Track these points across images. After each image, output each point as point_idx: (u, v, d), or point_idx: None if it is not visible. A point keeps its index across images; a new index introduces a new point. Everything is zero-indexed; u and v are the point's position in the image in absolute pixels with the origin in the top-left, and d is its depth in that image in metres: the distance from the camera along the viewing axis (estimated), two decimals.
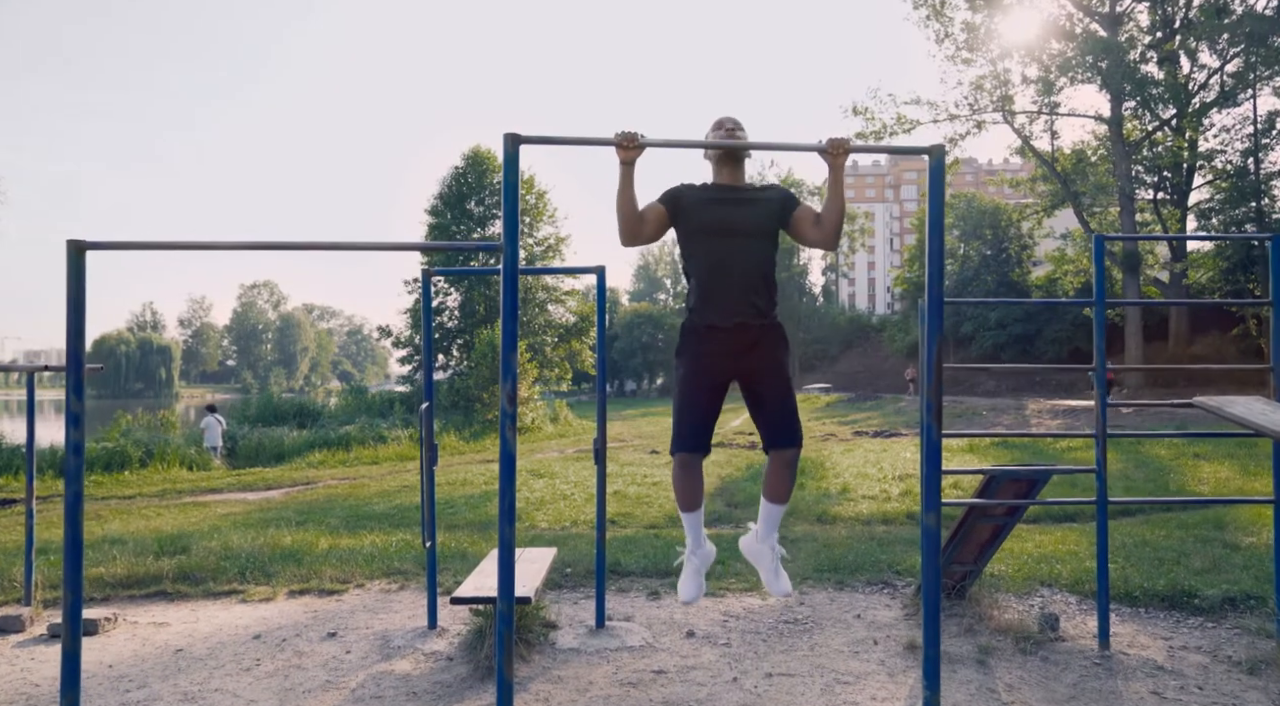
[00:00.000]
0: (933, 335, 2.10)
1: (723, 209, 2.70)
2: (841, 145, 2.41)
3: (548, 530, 7.37)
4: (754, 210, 2.71)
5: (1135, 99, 30.28)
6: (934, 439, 2.11)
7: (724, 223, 2.67)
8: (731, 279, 2.66)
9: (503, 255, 2.13)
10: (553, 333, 31.00)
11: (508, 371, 2.14)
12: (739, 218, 2.69)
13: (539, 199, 32.19)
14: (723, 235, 2.67)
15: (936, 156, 2.08)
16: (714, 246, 2.67)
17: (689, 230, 2.72)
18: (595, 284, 4.85)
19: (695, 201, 2.73)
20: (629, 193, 2.56)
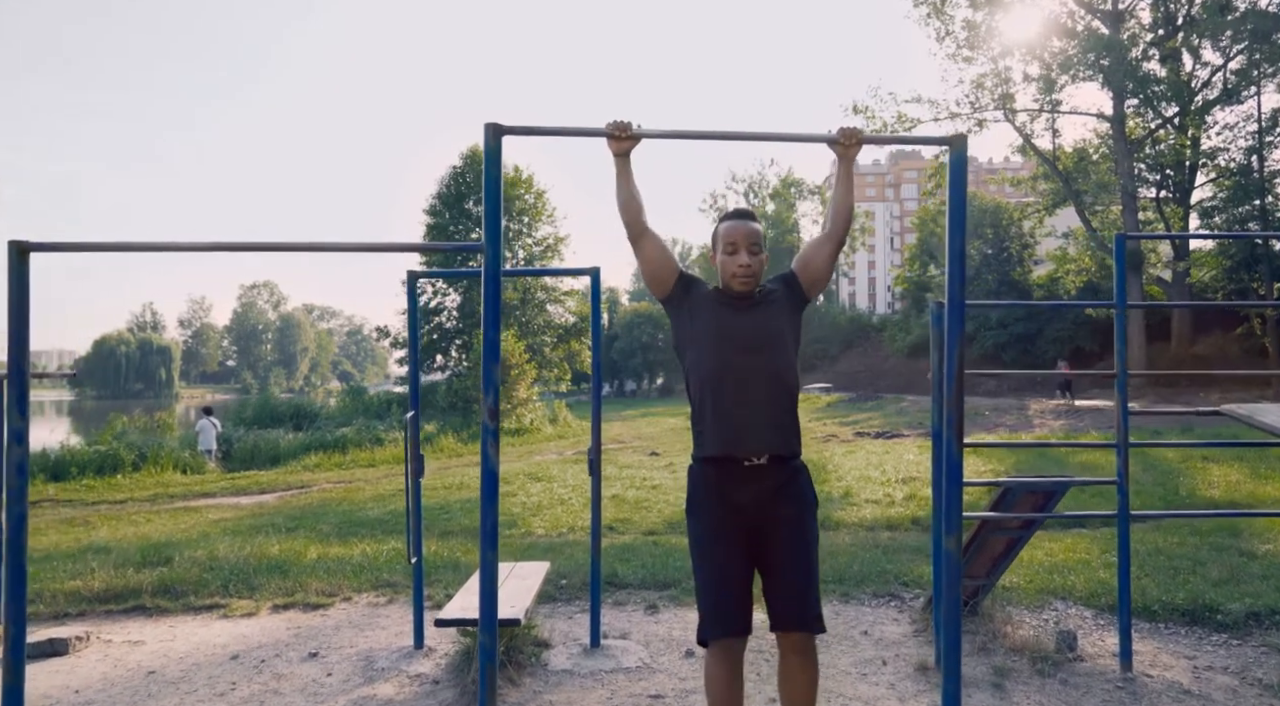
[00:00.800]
0: (954, 339, 1.91)
1: (738, 317, 2.35)
2: (854, 136, 2.21)
3: (543, 537, 7.19)
4: (770, 311, 2.37)
5: (1137, 97, 30.10)
6: (954, 455, 1.92)
7: (740, 331, 2.32)
8: (750, 404, 2.26)
9: (484, 257, 1.95)
10: (552, 333, 30.84)
11: (489, 383, 1.95)
12: (757, 326, 2.33)
13: (538, 198, 32.03)
14: (738, 348, 2.30)
15: (958, 147, 1.90)
16: (728, 360, 2.29)
17: (695, 332, 2.36)
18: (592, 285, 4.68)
19: (707, 299, 2.40)
20: (626, 185, 2.33)
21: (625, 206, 2.37)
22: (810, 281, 2.48)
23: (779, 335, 2.37)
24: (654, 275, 2.44)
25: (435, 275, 4.13)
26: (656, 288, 2.48)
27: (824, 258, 2.47)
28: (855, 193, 2.49)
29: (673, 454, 15.20)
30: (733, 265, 2.40)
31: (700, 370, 2.34)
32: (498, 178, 1.92)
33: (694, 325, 2.38)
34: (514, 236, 31.90)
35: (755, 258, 2.42)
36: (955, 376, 1.91)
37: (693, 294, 2.45)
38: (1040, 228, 39.17)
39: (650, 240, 2.42)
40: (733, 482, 2.27)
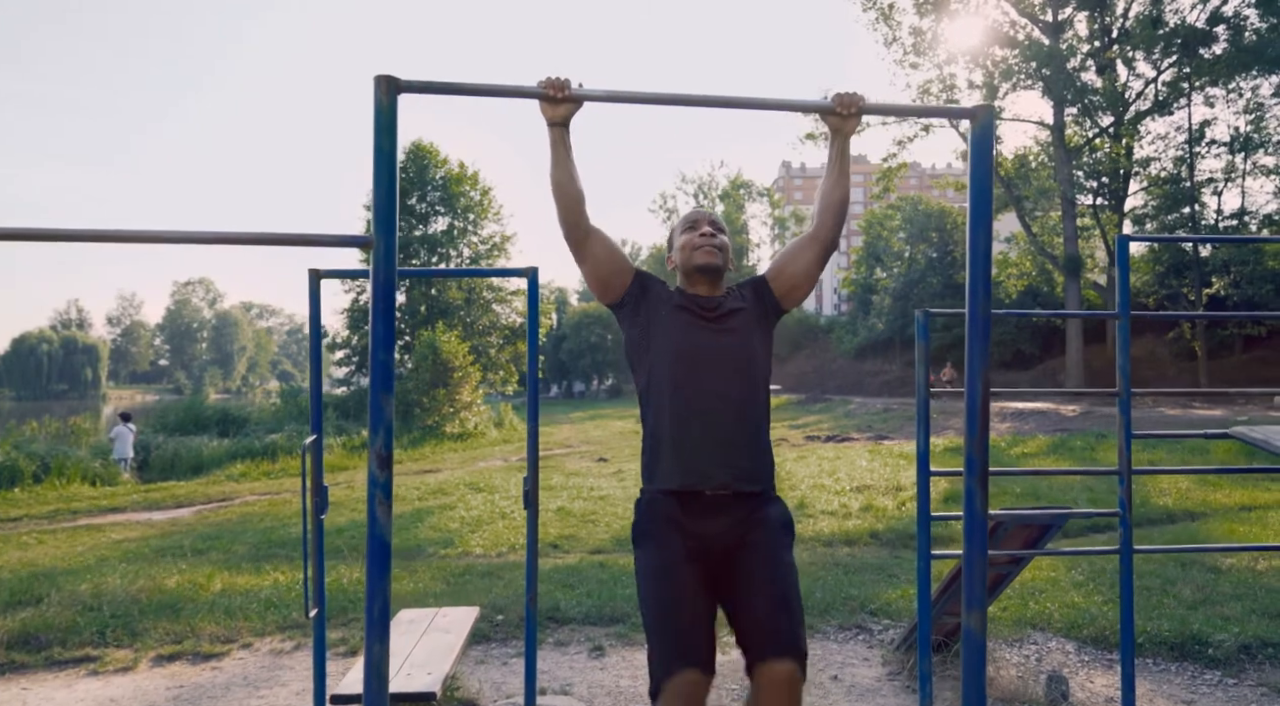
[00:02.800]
0: (976, 360, 1.50)
1: (702, 331, 1.96)
2: (853, 102, 1.77)
3: (481, 558, 6.66)
4: (739, 324, 1.99)
5: (1076, 106, 30.79)
6: (978, 512, 1.51)
7: (705, 348, 1.94)
8: (715, 435, 1.90)
9: (372, 253, 1.46)
10: (498, 333, 30.09)
11: (378, 420, 1.47)
12: (724, 342, 1.96)
13: (483, 196, 31.25)
14: (702, 368, 1.92)
15: (982, 120, 1.48)
16: (690, 383, 1.92)
17: (652, 345, 1.98)
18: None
19: (666, 305, 2.01)
20: (564, 163, 1.88)
21: (562, 193, 1.92)
22: (785, 289, 2.09)
23: (748, 352, 1.99)
24: (604, 280, 2.03)
25: (337, 275, 3.63)
26: (606, 293, 2.05)
27: (806, 263, 2.07)
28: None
29: (621, 459, 14.75)
30: (694, 238, 2.07)
31: (657, 394, 1.97)
32: (391, 150, 1.44)
33: (650, 337, 1.99)
34: (459, 235, 31.05)
35: (720, 233, 2.09)
36: (979, 409, 1.49)
37: (649, 297, 2.04)
38: None
39: (596, 241, 1.99)
40: (692, 514, 1.91)
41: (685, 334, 1.97)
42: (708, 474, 1.90)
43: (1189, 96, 30.25)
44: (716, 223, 2.12)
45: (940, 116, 1.55)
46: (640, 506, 2.01)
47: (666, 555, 1.88)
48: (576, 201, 1.93)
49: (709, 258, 2.04)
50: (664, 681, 1.73)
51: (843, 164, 2.00)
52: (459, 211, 30.65)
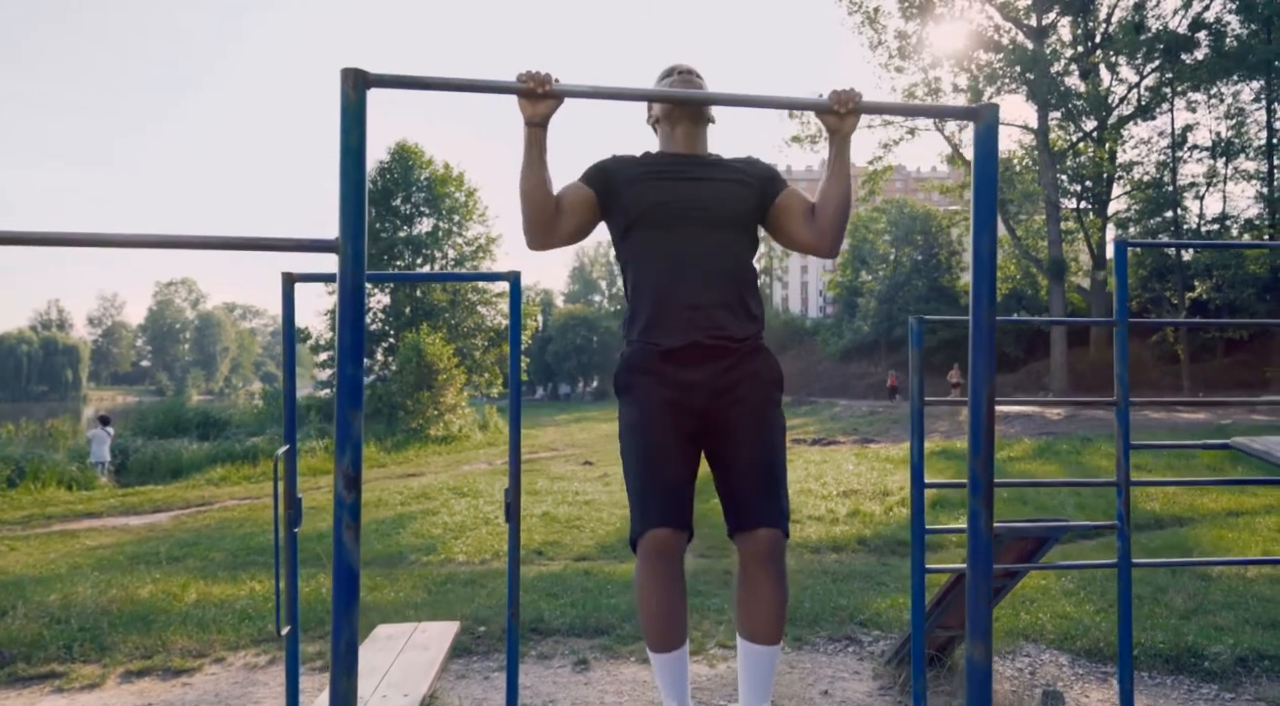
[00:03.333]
0: (981, 371, 1.42)
1: (677, 186, 1.90)
2: (850, 100, 1.66)
3: (464, 565, 6.54)
4: (724, 188, 1.91)
5: (1059, 110, 31.01)
6: (983, 533, 1.43)
7: (679, 205, 1.88)
8: (692, 284, 1.86)
9: (339, 257, 1.37)
10: (483, 335, 29.90)
11: (345, 437, 1.37)
12: (702, 197, 1.89)
13: (468, 197, 31.06)
14: (678, 222, 1.87)
15: (986, 120, 1.40)
16: (665, 240, 1.87)
17: (627, 220, 1.92)
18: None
19: (635, 178, 1.94)
20: (537, 168, 1.77)
21: (531, 201, 1.80)
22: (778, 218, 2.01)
23: (733, 207, 1.93)
24: (587, 230, 1.99)
25: (311, 279, 3.50)
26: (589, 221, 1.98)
27: (794, 240, 2.00)
28: None
29: (607, 463, 14.64)
30: (672, 83, 2.00)
31: (632, 251, 1.96)
32: (359, 147, 1.34)
33: (630, 209, 1.93)
34: (444, 236, 30.83)
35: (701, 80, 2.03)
36: (984, 423, 1.41)
37: (616, 185, 1.96)
38: (968, 235, 40.10)
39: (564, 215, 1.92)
40: (675, 363, 1.87)
41: (662, 189, 1.91)
42: (688, 330, 1.86)
43: (1171, 101, 30.53)
44: (696, 74, 2.04)
45: (942, 116, 1.47)
46: (623, 357, 1.99)
47: (648, 408, 1.87)
48: (545, 210, 1.83)
49: (687, 88, 1.96)
50: (640, 537, 1.81)
51: (841, 166, 1.88)
52: (444, 213, 30.45)
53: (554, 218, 1.86)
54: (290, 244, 1.46)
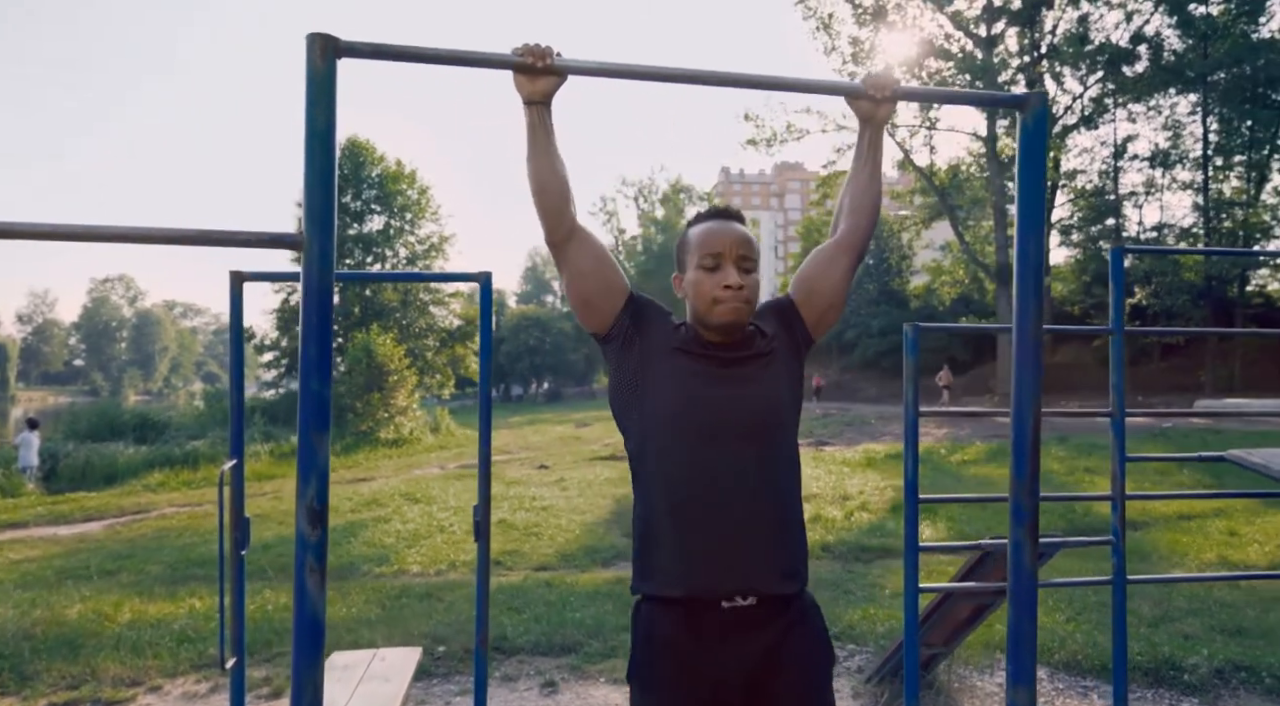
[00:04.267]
0: (1027, 387, 1.29)
1: (720, 384, 1.55)
2: (887, 85, 1.43)
3: (419, 577, 6.28)
4: (766, 371, 1.59)
5: (1008, 118, 31.71)
6: (1027, 569, 1.29)
7: (723, 408, 1.53)
8: (735, 520, 1.49)
9: (303, 255, 1.17)
10: (435, 336, 29.38)
11: (310, 465, 1.17)
12: (748, 399, 1.55)
13: (421, 195, 30.51)
14: (720, 434, 1.51)
15: (1035, 109, 1.26)
16: (704, 454, 1.50)
17: (650, 399, 1.56)
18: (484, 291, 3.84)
19: (669, 345, 1.60)
20: (545, 152, 1.52)
21: (543, 185, 1.54)
22: (818, 314, 1.69)
23: (777, 411, 1.58)
24: (586, 300, 1.62)
25: (262, 278, 3.27)
26: (590, 317, 1.63)
27: (838, 277, 1.69)
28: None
29: (563, 466, 14.42)
30: (713, 288, 1.58)
31: (650, 466, 1.55)
32: (328, 128, 1.14)
33: (644, 387, 1.58)
34: (395, 234, 30.24)
35: (749, 277, 1.60)
36: (1029, 447, 1.28)
37: (647, 331, 1.62)
38: (917, 240, 40.81)
39: (583, 243, 1.60)
40: (705, 636, 1.49)
41: (689, 386, 1.54)
42: (724, 575, 1.49)
43: (1113, 112, 31.44)
44: (747, 259, 1.63)
45: (989, 104, 1.33)
46: (637, 625, 1.58)
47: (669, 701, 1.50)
48: (560, 195, 1.56)
49: (734, 316, 1.58)
50: None
51: (875, 158, 1.67)
52: (395, 210, 29.86)
53: (566, 205, 1.57)
54: (247, 238, 1.25)
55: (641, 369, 1.59)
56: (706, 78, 1.23)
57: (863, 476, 11.69)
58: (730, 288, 1.58)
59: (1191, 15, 27.89)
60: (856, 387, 38.39)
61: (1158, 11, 28.67)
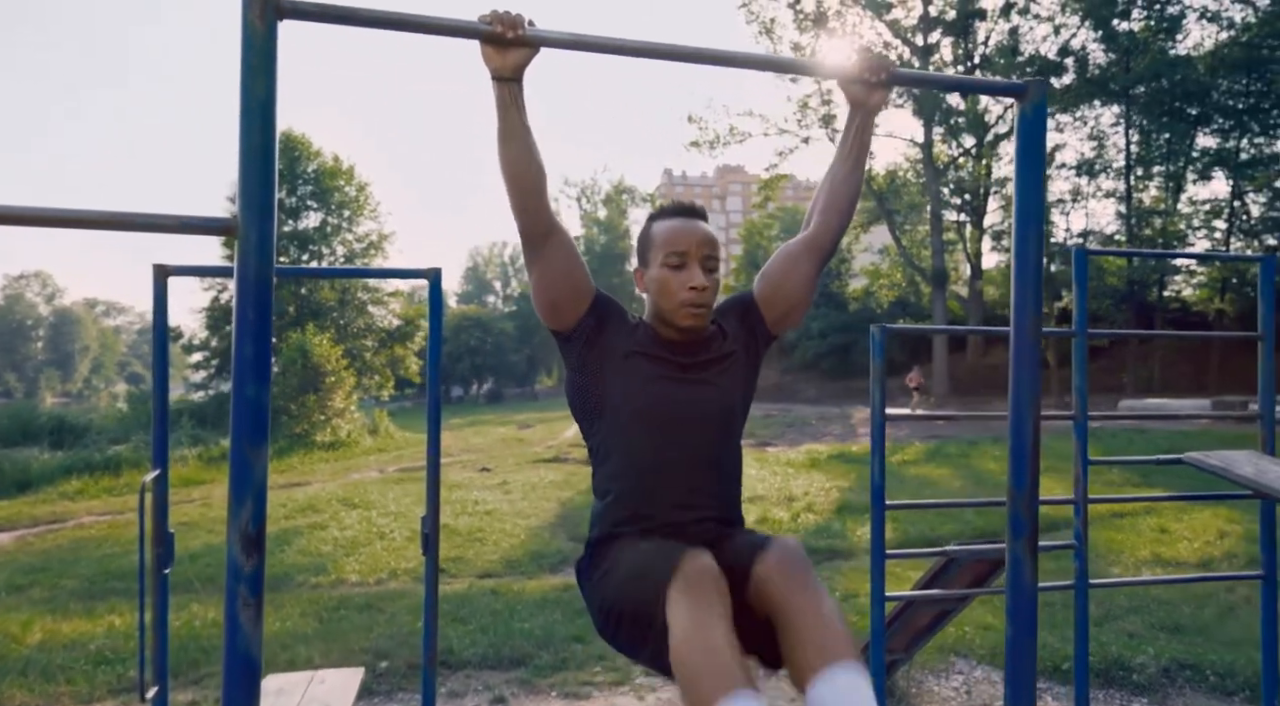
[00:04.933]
0: (1025, 392, 1.22)
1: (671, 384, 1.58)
2: (883, 68, 1.35)
3: (358, 587, 6.04)
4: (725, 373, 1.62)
5: (943, 126, 32.56)
6: (1028, 586, 1.22)
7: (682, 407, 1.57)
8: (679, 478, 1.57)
9: (238, 243, 1.02)
10: (374, 336, 28.68)
11: (245, 483, 1.03)
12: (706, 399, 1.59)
13: (360, 191, 29.78)
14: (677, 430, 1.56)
15: (1034, 99, 1.19)
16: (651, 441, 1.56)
17: (611, 398, 1.57)
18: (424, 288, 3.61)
19: (630, 345, 1.60)
20: (520, 130, 1.41)
21: (518, 171, 1.43)
22: (780, 313, 1.69)
23: (731, 411, 1.63)
24: (554, 301, 1.57)
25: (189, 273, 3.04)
26: (554, 316, 1.59)
27: (803, 277, 1.66)
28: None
29: (506, 469, 14.19)
30: (679, 289, 1.58)
31: (610, 457, 1.59)
32: (268, 98, 1.00)
33: (605, 388, 1.58)
34: (332, 232, 29.44)
35: (711, 276, 1.60)
36: (1029, 455, 1.21)
37: (608, 331, 1.61)
38: (856, 243, 41.55)
39: (562, 241, 1.54)
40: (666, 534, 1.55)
41: (651, 389, 1.56)
42: (673, 524, 1.55)
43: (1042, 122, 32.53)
44: (712, 258, 1.62)
45: (986, 92, 1.26)
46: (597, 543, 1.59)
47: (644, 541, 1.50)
48: (539, 184, 1.46)
49: (697, 322, 1.59)
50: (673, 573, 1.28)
51: (860, 149, 1.59)
52: (333, 207, 29.06)
53: (543, 195, 1.48)
54: (173, 223, 1.09)
55: (602, 369, 1.59)
56: (692, 55, 1.13)
57: (807, 477, 11.76)
58: (696, 289, 1.58)
59: (1115, 30, 29.04)
60: (797, 389, 38.89)
61: (1083, 26, 29.78)
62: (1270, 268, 2.74)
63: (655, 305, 1.63)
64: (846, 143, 1.60)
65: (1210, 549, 6.62)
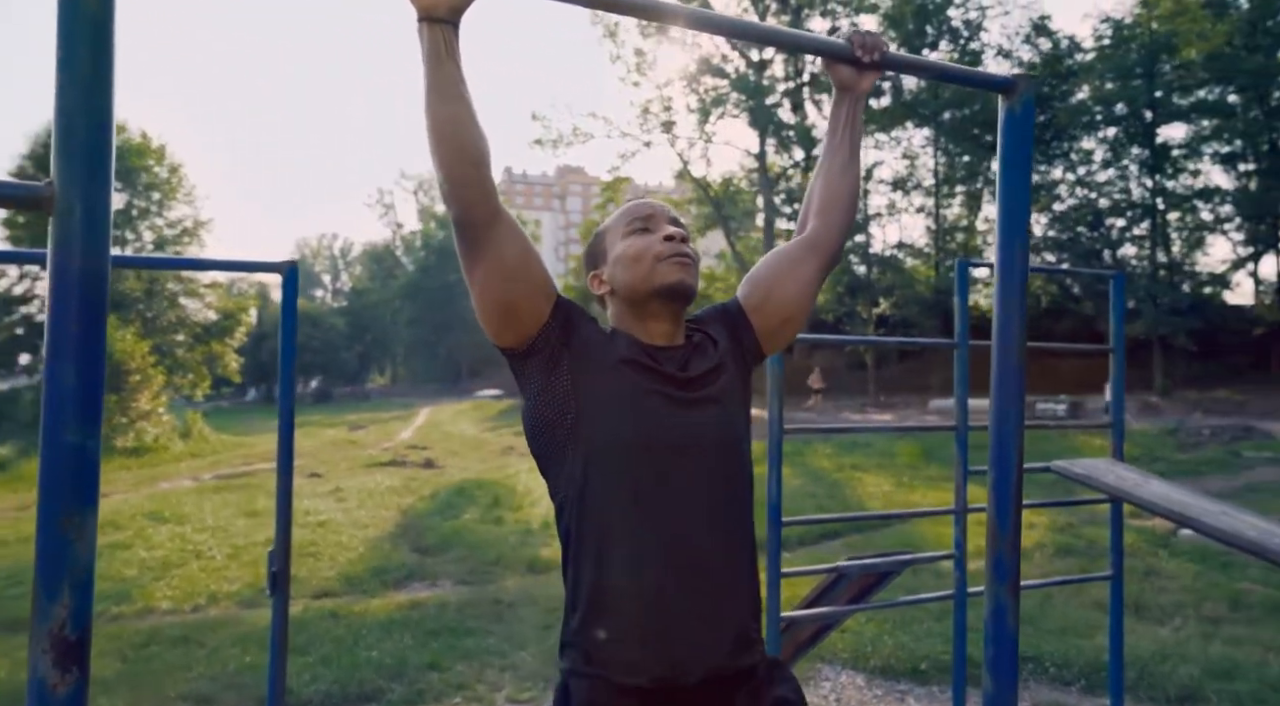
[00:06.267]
0: (1011, 416, 1.12)
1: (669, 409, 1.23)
2: (876, 47, 1.18)
3: (172, 615, 5.35)
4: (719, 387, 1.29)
5: (775, 138, 34.13)
6: (1010, 633, 1.12)
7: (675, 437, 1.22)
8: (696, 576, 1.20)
9: (53, 219, 0.71)
10: (187, 332, 26.17)
11: (57, 563, 0.72)
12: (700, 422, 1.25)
13: (172, 173, 27.13)
14: (675, 471, 1.21)
15: (1023, 95, 1.09)
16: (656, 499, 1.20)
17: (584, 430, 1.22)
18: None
19: (606, 361, 1.25)
20: (456, 84, 1.13)
21: (459, 137, 1.13)
22: (774, 324, 1.39)
23: (734, 438, 1.29)
24: (512, 300, 1.22)
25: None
26: (510, 325, 1.23)
27: (802, 282, 1.39)
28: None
29: (339, 474, 13.31)
30: (651, 245, 1.30)
31: (598, 515, 1.21)
32: (105, 10, 0.71)
33: (581, 414, 1.23)
34: (139, 216, 26.62)
35: (682, 231, 1.33)
36: (1013, 487, 1.11)
37: (576, 342, 1.26)
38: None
39: (510, 226, 1.20)
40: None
41: (644, 409, 1.22)
42: (692, 653, 1.18)
43: (863, 140, 34.87)
44: (680, 224, 1.36)
45: (976, 84, 1.14)
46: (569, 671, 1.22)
47: None
48: (479, 151, 1.15)
49: (683, 273, 1.28)
50: None
51: (854, 136, 1.39)
52: (140, 189, 26.26)
53: (487, 170, 1.17)
54: None
55: (575, 391, 1.23)
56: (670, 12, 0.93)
57: None
58: (671, 238, 1.30)
59: None
60: None
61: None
62: (1120, 285, 2.89)
63: (628, 289, 1.31)
64: (837, 132, 1.41)
65: (1024, 539, 7.17)
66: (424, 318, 54.75)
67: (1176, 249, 29.90)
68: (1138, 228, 30.23)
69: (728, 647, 1.20)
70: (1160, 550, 6.56)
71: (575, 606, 1.23)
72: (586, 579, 1.21)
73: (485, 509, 9.22)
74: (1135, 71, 27.54)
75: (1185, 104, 27.81)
